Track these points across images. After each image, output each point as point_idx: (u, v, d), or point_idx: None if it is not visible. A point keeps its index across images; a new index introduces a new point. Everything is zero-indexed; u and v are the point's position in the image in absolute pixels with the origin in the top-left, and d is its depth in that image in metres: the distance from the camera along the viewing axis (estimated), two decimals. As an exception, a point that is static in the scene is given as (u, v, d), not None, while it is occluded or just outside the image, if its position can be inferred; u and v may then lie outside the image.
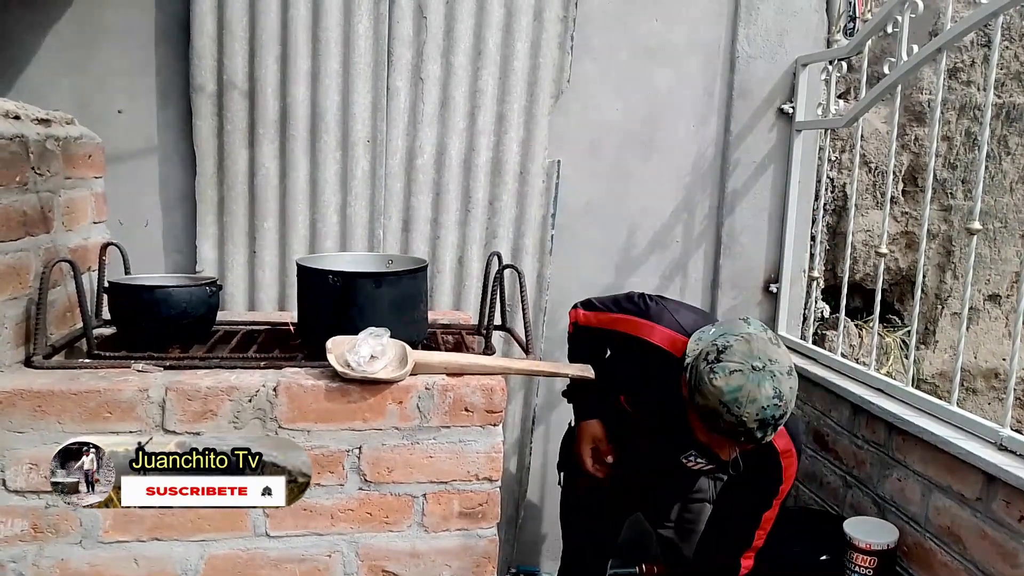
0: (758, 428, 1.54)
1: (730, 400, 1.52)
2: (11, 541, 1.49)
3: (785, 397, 1.55)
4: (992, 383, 3.17)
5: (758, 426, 1.53)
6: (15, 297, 1.59)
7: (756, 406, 1.52)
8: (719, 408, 1.54)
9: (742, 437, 1.56)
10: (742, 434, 1.55)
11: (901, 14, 2.13)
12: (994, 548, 1.71)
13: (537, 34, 2.48)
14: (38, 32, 2.34)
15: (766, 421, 1.53)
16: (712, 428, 1.59)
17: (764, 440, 1.59)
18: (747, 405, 1.52)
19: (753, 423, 1.53)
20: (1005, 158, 3.02)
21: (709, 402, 1.55)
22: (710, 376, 1.55)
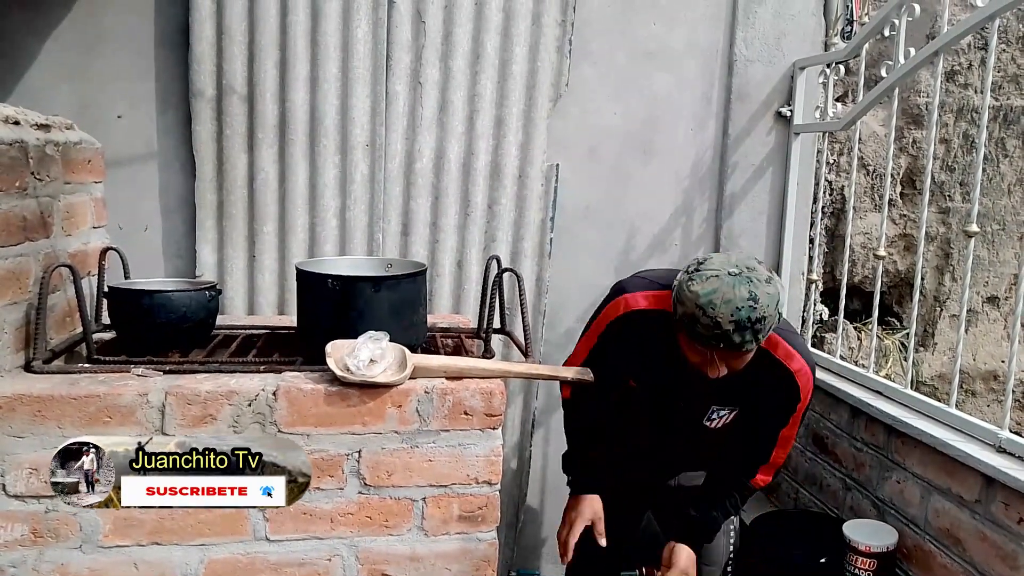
0: (735, 331, 1.53)
1: (705, 303, 1.54)
2: (11, 546, 1.49)
3: (762, 301, 1.54)
4: (991, 385, 3.17)
5: (734, 328, 1.53)
6: (15, 302, 1.59)
7: (731, 307, 1.52)
8: (696, 312, 1.55)
9: (720, 342, 1.56)
10: (719, 338, 1.55)
11: (898, 17, 2.14)
12: (993, 550, 1.71)
13: (535, 38, 2.48)
14: (38, 37, 2.34)
15: (742, 323, 1.53)
16: (692, 336, 1.59)
17: (744, 346, 1.57)
18: (721, 306, 1.53)
19: (729, 324, 1.53)
20: (1003, 160, 3.03)
21: (687, 308, 1.57)
22: (688, 283, 1.58)
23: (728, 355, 1.62)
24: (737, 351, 1.59)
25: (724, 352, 1.61)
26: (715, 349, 1.60)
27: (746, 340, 1.56)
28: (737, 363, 1.66)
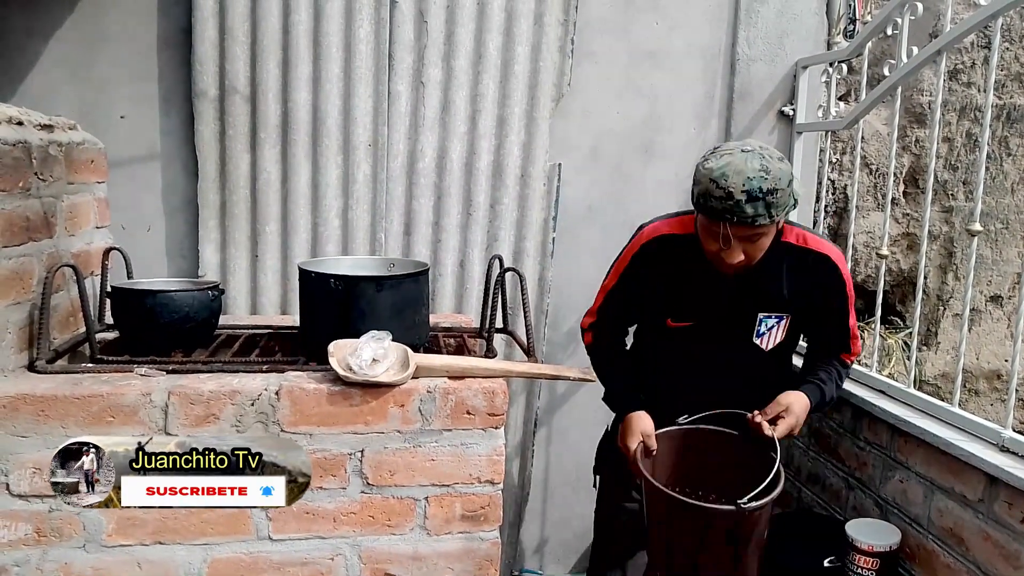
0: (747, 201, 1.57)
1: (718, 175, 1.60)
2: (15, 545, 1.49)
3: (773, 174, 1.59)
4: (994, 384, 3.17)
5: (746, 198, 1.57)
6: (18, 302, 1.59)
7: (742, 177, 1.57)
8: (710, 187, 1.61)
9: (733, 215, 1.59)
10: (732, 210, 1.59)
11: (901, 16, 2.13)
12: (996, 549, 1.71)
13: (537, 38, 2.48)
14: (40, 38, 2.35)
15: (753, 193, 1.57)
16: (707, 212, 1.64)
17: (756, 220, 1.60)
18: (733, 177, 1.58)
19: (741, 194, 1.57)
20: (1006, 159, 3.02)
21: (702, 185, 1.63)
22: (703, 163, 1.66)
23: (742, 232, 1.64)
24: (750, 224, 1.61)
25: (738, 228, 1.62)
26: (729, 224, 1.62)
27: (758, 213, 1.59)
28: (752, 247, 1.68)
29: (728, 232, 1.64)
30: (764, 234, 1.68)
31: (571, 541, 2.90)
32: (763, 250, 1.71)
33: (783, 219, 1.72)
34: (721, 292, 1.83)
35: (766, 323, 1.86)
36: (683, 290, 1.87)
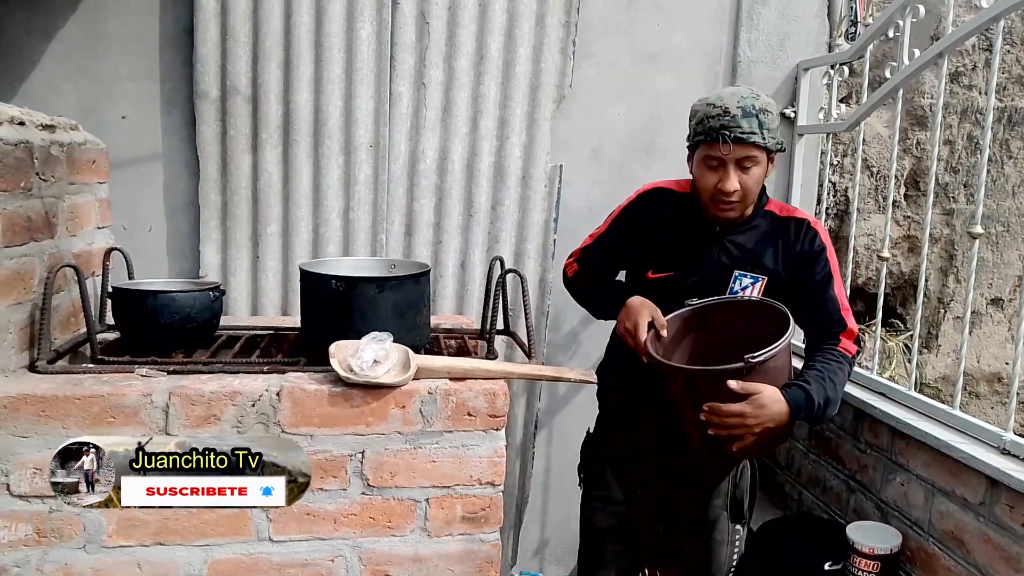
0: (742, 115, 1.68)
1: (714, 99, 1.73)
2: (15, 545, 1.49)
3: (763, 98, 1.72)
4: (995, 387, 3.17)
5: (742, 113, 1.68)
6: (19, 302, 1.59)
7: (736, 96, 1.71)
8: (707, 109, 1.73)
9: (730, 130, 1.68)
10: (728, 125, 1.68)
11: (903, 18, 2.13)
12: (997, 552, 1.71)
13: (539, 39, 2.48)
14: (42, 38, 2.35)
15: (747, 110, 1.69)
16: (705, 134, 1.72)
17: (752, 136, 1.68)
18: (728, 97, 1.71)
19: (736, 109, 1.69)
20: (1007, 162, 3.02)
21: (699, 114, 1.75)
22: (697, 101, 1.79)
23: (738, 153, 1.70)
24: (745, 141, 1.69)
25: (735, 147, 1.70)
26: (726, 142, 1.69)
27: (753, 129, 1.68)
28: (747, 177, 1.73)
29: (723, 154, 1.71)
30: (757, 162, 1.74)
31: (571, 543, 2.88)
32: (756, 183, 1.76)
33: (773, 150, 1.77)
34: (702, 246, 1.87)
35: (741, 281, 1.86)
36: (667, 241, 1.91)
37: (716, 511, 1.95)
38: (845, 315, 1.84)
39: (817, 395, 1.68)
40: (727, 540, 1.97)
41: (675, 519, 2.02)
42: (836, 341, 1.82)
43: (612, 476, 2.05)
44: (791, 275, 1.85)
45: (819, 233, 1.86)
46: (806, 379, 1.71)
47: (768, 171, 1.81)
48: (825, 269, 1.84)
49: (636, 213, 1.97)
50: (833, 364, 1.76)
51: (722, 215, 1.81)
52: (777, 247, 1.85)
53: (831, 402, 1.72)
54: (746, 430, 1.62)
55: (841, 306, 1.85)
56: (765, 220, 1.87)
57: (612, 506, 2.06)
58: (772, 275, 1.85)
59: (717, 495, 1.94)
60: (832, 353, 1.79)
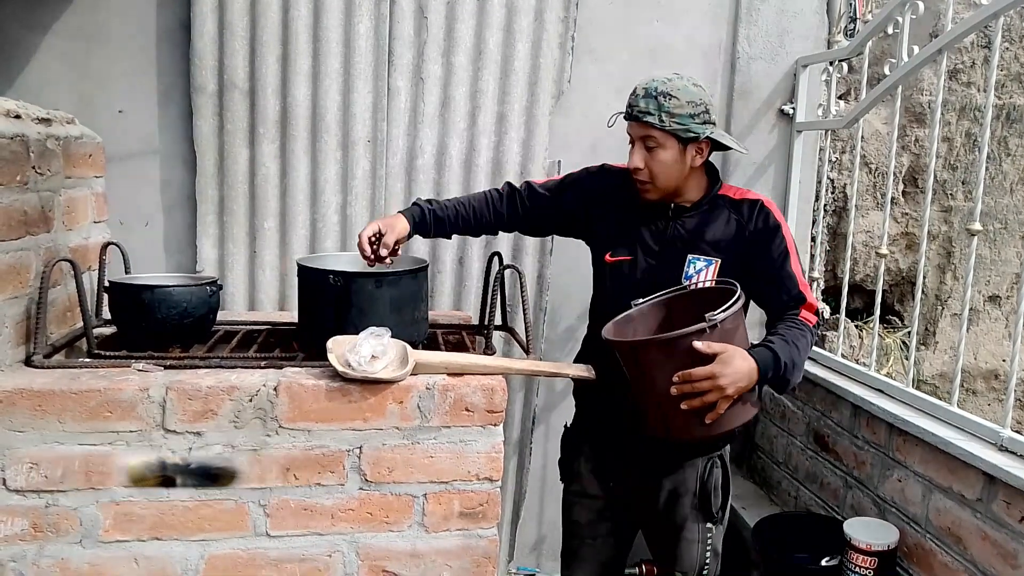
0: (642, 96, 1.76)
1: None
2: (11, 540, 1.49)
3: (676, 84, 1.77)
4: (992, 384, 3.18)
5: (643, 94, 1.76)
6: (15, 296, 1.59)
7: (651, 78, 1.80)
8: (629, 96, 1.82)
9: (631, 109, 1.78)
10: (630, 105, 1.79)
11: (902, 15, 2.13)
12: (994, 549, 1.71)
13: (538, 35, 2.48)
14: (38, 32, 2.34)
15: (649, 91, 1.76)
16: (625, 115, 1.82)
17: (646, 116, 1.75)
18: (641, 83, 1.80)
19: (640, 91, 1.78)
20: (1005, 159, 3.02)
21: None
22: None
23: (638, 132, 1.79)
24: (640, 119, 1.76)
25: (634, 126, 1.79)
26: (628, 121, 1.80)
27: (649, 110, 1.75)
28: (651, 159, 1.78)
29: (630, 132, 1.81)
30: (660, 144, 1.77)
31: (568, 539, 2.89)
32: (663, 167, 1.79)
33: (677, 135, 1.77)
34: (655, 229, 1.89)
35: (694, 264, 1.86)
36: (622, 222, 1.93)
37: (685, 509, 1.94)
38: (804, 290, 1.83)
39: (783, 354, 1.67)
40: (697, 539, 1.94)
41: (646, 515, 2.02)
42: (796, 312, 1.81)
43: (588, 470, 2.05)
44: (747, 255, 1.85)
45: (772, 211, 1.86)
46: (770, 340, 1.72)
47: (691, 158, 1.81)
48: (781, 246, 1.83)
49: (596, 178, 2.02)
50: (795, 331, 1.75)
51: (641, 196, 1.86)
52: (731, 228, 1.86)
53: (796, 366, 1.71)
54: (719, 392, 1.58)
55: (799, 282, 1.83)
56: (718, 203, 1.88)
57: (589, 500, 2.06)
58: (726, 256, 1.84)
59: (685, 493, 1.93)
60: (793, 322, 1.78)
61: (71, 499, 1.49)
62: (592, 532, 2.08)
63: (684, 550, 1.96)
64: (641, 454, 1.94)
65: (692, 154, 1.81)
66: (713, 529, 1.95)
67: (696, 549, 1.95)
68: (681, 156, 1.80)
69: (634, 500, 2.02)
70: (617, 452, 1.99)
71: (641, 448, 1.93)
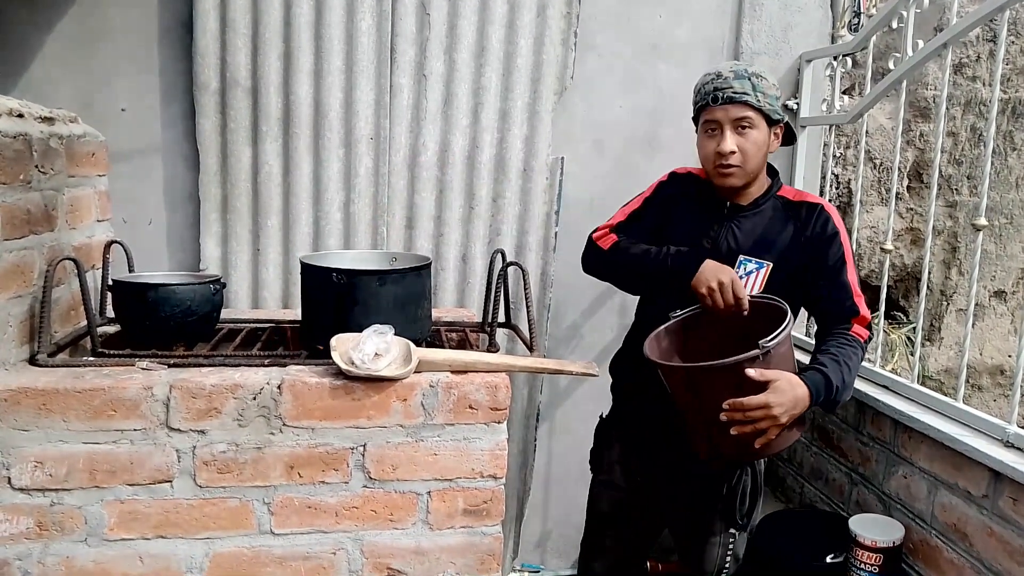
0: (734, 77, 1.74)
1: (711, 69, 1.82)
2: (16, 539, 1.49)
3: (758, 67, 1.79)
4: (997, 380, 3.17)
5: (734, 76, 1.74)
6: (19, 295, 1.59)
7: (730, 63, 1.80)
8: (703, 79, 1.80)
9: (722, 92, 1.74)
10: (721, 87, 1.74)
11: (906, 9, 2.12)
12: (1001, 545, 1.71)
13: (540, 30, 2.47)
14: (41, 31, 2.34)
15: (740, 72, 1.75)
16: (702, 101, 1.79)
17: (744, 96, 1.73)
18: (723, 65, 1.80)
19: (729, 72, 1.75)
20: (1011, 154, 3.01)
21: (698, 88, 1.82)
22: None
23: (732, 113, 1.74)
24: (738, 101, 1.73)
25: (728, 108, 1.74)
26: (719, 104, 1.75)
27: (745, 90, 1.73)
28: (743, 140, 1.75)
29: (718, 116, 1.76)
30: (754, 124, 1.75)
31: (573, 536, 2.88)
32: (756, 147, 1.76)
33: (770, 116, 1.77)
34: (710, 229, 1.86)
35: (745, 266, 1.83)
36: (681, 224, 1.92)
37: (710, 512, 1.93)
38: (858, 301, 1.80)
39: (835, 377, 1.65)
40: (719, 543, 1.94)
41: (671, 513, 2.02)
42: (848, 326, 1.78)
43: (616, 462, 2.05)
44: (802, 261, 1.82)
45: (832, 217, 1.82)
46: (822, 363, 1.68)
47: (771, 143, 1.81)
48: (839, 254, 1.81)
49: (665, 187, 1.99)
50: (847, 348, 1.73)
51: (724, 182, 1.80)
52: (787, 232, 1.82)
53: (847, 386, 1.69)
54: (772, 421, 1.56)
55: (854, 292, 1.80)
56: (776, 204, 1.85)
57: (613, 491, 2.06)
58: (780, 261, 1.81)
59: (712, 496, 1.91)
60: (845, 338, 1.75)
61: (76, 498, 1.50)
62: (614, 523, 2.08)
63: (706, 552, 1.95)
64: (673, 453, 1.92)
65: (772, 139, 1.81)
66: (736, 535, 1.95)
67: (717, 552, 1.95)
68: (767, 139, 1.80)
69: (660, 497, 2.01)
70: (647, 448, 1.99)
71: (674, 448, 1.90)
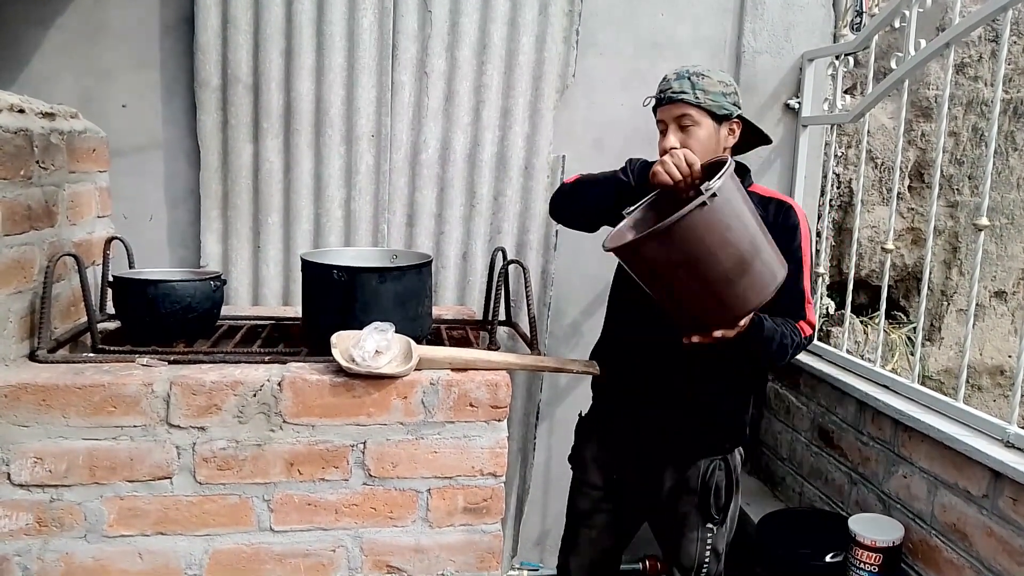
0: (675, 79, 1.81)
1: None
2: (16, 535, 1.49)
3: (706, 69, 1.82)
4: (997, 380, 3.16)
5: (675, 77, 1.81)
6: (20, 291, 1.59)
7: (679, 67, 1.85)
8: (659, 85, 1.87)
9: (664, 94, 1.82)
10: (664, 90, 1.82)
11: (909, 9, 2.12)
12: (1000, 545, 1.71)
13: (542, 28, 2.47)
14: (42, 26, 2.33)
15: (682, 74, 1.81)
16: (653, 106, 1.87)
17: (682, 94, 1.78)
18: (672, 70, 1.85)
19: (672, 75, 1.82)
20: (1012, 154, 3.00)
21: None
22: None
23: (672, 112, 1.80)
24: (677, 99, 1.79)
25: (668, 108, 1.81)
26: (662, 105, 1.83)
27: (683, 89, 1.79)
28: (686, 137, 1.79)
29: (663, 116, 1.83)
30: (695, 121, 1.79)
31: (572, 534, 2.89)
32: (700, 144, 1.79)
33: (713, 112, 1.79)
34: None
35: None
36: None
37: (686, 507, 1.95)
38: (808, 309, 1.87)
39: (775, 332, 1.74)
40: (697, 538, 1.95)
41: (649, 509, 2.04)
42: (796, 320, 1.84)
43: (593, 460, 2.08)
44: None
45: (797, 214, 1.87)
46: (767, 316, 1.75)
47: (724, 138, 1.84)
48: (797, 254, 1.83)
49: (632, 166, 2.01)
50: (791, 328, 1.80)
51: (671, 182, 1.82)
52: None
53: (783, 348, 1.77)
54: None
55: (806, 300, 1.86)
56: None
57: (589, 489, 2.09)
58: None
59: (687, 491, 1.93)
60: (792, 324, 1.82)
61: (75, 494, 1.50)
62: (590, 521, 2.10)
63: (684, 547, 1.97)
64: (646, 449, 1.95)
65: (725, 133, 1.84)
66: (714, 530, 1.95)
67: (695, 548, 1.96)
68: (715, 134, 1.82)
69: (637, 493, 2.02)
70: (623, 445, 2.00)
71: (647, 443, 1.94)
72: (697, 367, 1.86)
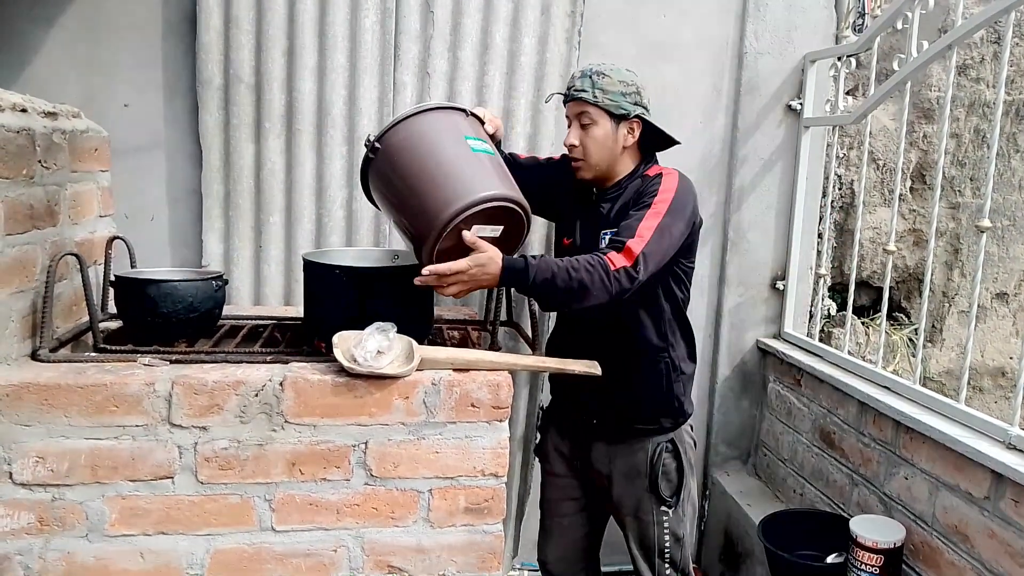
0: (579, 77, 1.89)
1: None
2: (17, 534, 1.49)
3: (610, 67, 1.90)
4: (999, 381, 3.16)
5: (579, 75, 1.90)
6: (21, 290, 1.59)
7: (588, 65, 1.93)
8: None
9: (568, 90, 1.92)
10: (569, 84, 1.92)
11: (911, 10, 2.12)
12: (1002, 547, 1.71)
13: (544, 29, 2.47)
14: (44, 26, 2.34)
15: (585, 72, 1.90)
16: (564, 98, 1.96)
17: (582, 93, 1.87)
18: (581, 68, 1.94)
19: (577, 72, 1.92)
20: (1014, 156, 3.01)
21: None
22: None
23: (573, 109, 1.90)
24: (576, 97, 1.88)
25: (570, 105, 1.92)
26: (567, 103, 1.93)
27: (584, 87, 1.87)
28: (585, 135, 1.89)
29: (568, 113, 1.93)
30: (593, 120, 1.88)
31: (573, 535, 2.89)
32: (596, 144, 1.89)
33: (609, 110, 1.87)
34: (582, 212, 2.01)
35: (605, 239, 1.90)
36: (567, 208, 2.08)
37: (639, 491, 2.01)
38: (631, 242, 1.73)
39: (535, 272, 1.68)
40: (653, 520, 2.01)
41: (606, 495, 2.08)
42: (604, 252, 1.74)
43: (554, 450, 2.16)
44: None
45: (664, 174, 1.91)
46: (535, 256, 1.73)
47: (622, 137, 1.91)
48: (647, 201, 1.82)
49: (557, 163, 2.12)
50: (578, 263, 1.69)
51: (575, 174, 1.96)
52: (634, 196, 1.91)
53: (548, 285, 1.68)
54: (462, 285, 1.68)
55: (635, 234, 1.75)
56: (637, 181, 1.94)
57: (555, 479, 2.17)
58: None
59: (637, 475, 2.00)
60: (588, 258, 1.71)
61: (77, 493, 1.50)
62: (559, 510, 2.18)
63: (642, 531, 2.03)
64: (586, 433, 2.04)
65: (624, 132, 1.91)
66: (669, 513, 2.01)
67: (653, 531, 2.02)
68: (613, 133, 1.89)
69: (593, 480, 2.09)
70: (575, 434, 2.09)
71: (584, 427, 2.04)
72: (602, 343, 1.93)
